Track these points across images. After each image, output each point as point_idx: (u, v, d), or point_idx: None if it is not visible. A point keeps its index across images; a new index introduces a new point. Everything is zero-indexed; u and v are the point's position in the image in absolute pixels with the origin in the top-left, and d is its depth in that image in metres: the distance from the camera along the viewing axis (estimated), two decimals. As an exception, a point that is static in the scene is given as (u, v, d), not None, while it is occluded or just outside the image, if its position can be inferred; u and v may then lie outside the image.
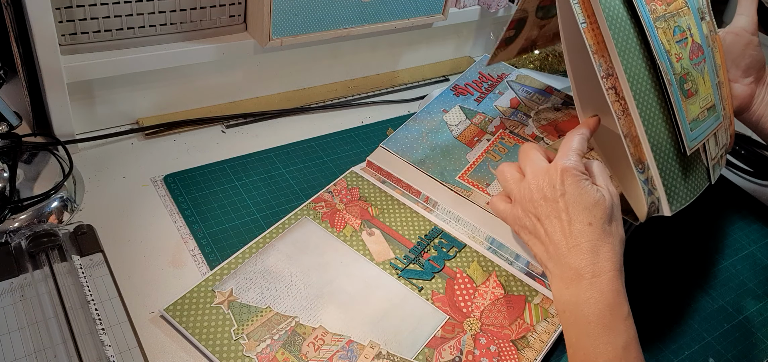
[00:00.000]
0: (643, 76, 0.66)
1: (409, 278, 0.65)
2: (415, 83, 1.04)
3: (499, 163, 0.75)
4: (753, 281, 0.75)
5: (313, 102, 0.93)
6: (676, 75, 0.67)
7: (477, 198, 0.71)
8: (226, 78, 0.86)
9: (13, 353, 0.51)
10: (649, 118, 0.65)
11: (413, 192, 0.74)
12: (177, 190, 0.72)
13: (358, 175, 0.76)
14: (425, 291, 0.64)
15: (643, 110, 0.65)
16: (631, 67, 0.65)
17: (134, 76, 0.78)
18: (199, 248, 0.65)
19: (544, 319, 0.63)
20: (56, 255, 0.60)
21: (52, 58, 0.68)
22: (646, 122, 0.65)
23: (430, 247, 0.69)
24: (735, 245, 0.80)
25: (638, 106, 0.65)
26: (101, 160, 0.75)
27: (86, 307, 0.55)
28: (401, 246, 0.68)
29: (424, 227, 0.71)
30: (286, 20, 0.81)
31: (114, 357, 0.52)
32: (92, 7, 0.71)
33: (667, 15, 0.69)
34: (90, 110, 0.78)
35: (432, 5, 0.95)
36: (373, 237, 0.69)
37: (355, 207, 0.72)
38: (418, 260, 0.67)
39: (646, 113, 0.65)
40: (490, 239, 0.70)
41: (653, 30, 0.67)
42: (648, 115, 0.65)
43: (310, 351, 0.56)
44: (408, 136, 0.78)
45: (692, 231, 0.81)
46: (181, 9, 0.77)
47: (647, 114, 0.65)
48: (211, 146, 0.80)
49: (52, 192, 0.66)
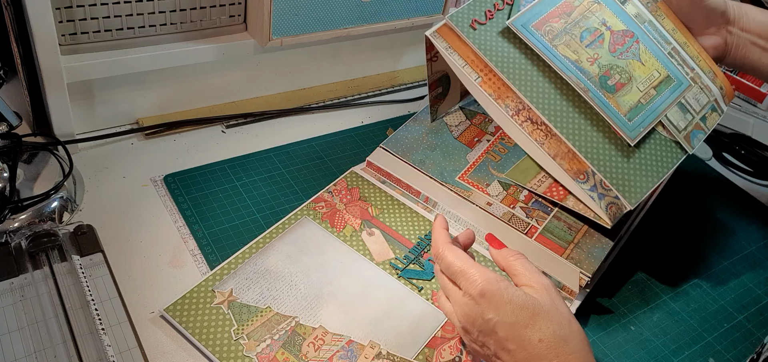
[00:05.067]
0: (553, 95, 0.67)
1: (409, 278, 0.65)
2: (415, 83, 1.04)
3: (499, 163, 0.75)
4: (753, 281, 0.75)
5: (313, 102, 0.93)
6: (593, 77, 0.68)
7: (477, 199, 0.71)
8: (226, 78, 0.86)
9: (13, 353, 0.51)
10: (575, 129, 0.66)
11: (413, 192, 0.74)
12: (177, 190, 0.72)
13: (358, 175, 0.76)
14: (425, 291, 0.64)
15: (563, 125, 0.66)
16: (537, 92, 0.67)
17: (134, 76, 0.78)
18: (198, 248, 0.65)
19: None
20: (56, 255, 0.60)
21: (52, 58, 0.68)
22: (571, 135, 0.66)
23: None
24: (735, 245, 0.80)
25: (557, 124, 0.66)
26: (101, 160, 0.75)
27: (86, 307, 0.55)
28: (401, 246, 0.68)
29: (424, 227, 0.71)
30: (286, 20, 0.81)
31: (114, 357, 0.52)
32: (92, 7, 0.71)
33: (569, 26, 0.70)
34: (90, 110, 0.78)
35: (432, 5, 0.95)
36: (373, 237, 0.69)
37: (355, 207, 0.72)
38: (418, 260, 0.67)
39: (569, 126, 0.67)
40: None
41: (551, 50, 0.69)
42: (571, 127, 0.66)
43: (310, 351, 0.56)
44: (408, 137, 0.78)
45: (692, 231, 0.81)
46: (181, 9, 0.77)
47: (570, 126, 0.67)
48: (211, 146, 0.80)
49: (52, 192, 0.66)
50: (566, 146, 0.66)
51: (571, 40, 0.69)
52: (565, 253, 0.67)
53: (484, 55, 0.67)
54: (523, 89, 0.66)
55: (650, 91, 0.69)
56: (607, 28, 0.71)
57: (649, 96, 0.69)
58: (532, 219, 0.69)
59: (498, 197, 0.71)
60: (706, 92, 0.72)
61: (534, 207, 0.71)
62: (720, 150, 0.98)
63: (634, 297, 0.70)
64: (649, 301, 0.70)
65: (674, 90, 0.70)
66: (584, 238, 0.68)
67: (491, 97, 0.67)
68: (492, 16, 0.70)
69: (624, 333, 0.65)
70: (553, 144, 0.66)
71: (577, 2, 0.72)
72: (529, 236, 0.68)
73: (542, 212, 0.70)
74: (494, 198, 0.71)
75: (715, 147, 0.99)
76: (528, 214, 0.70)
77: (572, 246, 0.68)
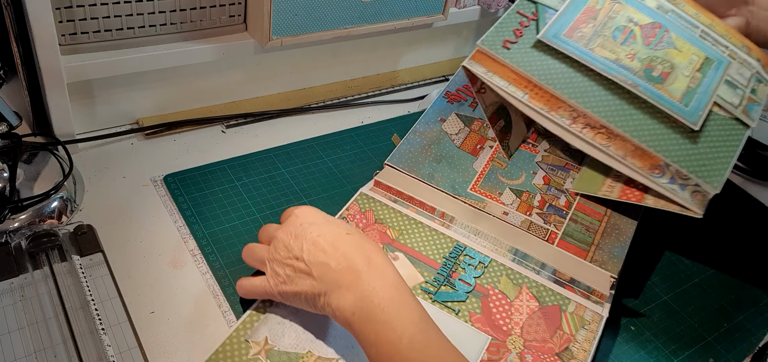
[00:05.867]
0: (605, 96, 0.66)
1: (444, 301, 0.62)
2: (415, 83, 1.04)
3: (505, 169, 0.75)
4: (753, 281, 0.75)
5: (313, 102, 0.93)
6: (637, 72, 0.67)
7: (492, 209, 0.69)
8: (226, 78, 0.86)
9: (13, 353, 0.51)
10: (636, 125, 0.65)
11: (427, 208, 0.71)
12: (177, 190, 0.72)
13: (368, 196, 0.73)
14: (463, 313, 0.61)
15: (624, 123, 0.65)
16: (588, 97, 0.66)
17: (134, 76, 0.78)
18: (199, 248, 0.65)
19: (582, 327, 0.62)
20: (56, 255, 0.60)
21: (52, 58, 0.68)
22: (635, 131, 0.65)
23: (457, 266, 0.66)
24: (735, 245, 0.80)
25: (618, 123, 0.65)
26: (101, 160, 0.75)
27: (86, 307, 0.55)
28: (428, 267, 0.65)
29: (446, 245, 0.68)
30: (286, 20, 0.81)
31: (114, 357, 0.52)
32: (92, 7, 0.71)
33: (599, 28, 0.70)
34: (90, 110, 0.78)
35: (432, 5, 0.95)
36: (398, 261, 0.66)
37: (374, 231, 0.69)
38: (449, 281, 0.64)
39: (630, 123, 0.65)
40: (514, 250, 0.68)
41: (588, 54, 0.68)
42: (632, 123, 0.65)
43: None
44: (411, 150, 0.75)
45: (692, 231, 0.81)
46: (181, 9, 0.77)
47: (631, 123, 0.65)
48: (211, 146, 0.80)
49: (52, 192, 0.66)
50: (633, 144, 0.64)
51: (605, 41, 0.69)
52: (588, 256, 0.66)
53: (525, 71, 0.67)
54: (574, 96, 0.65)
55: (696, 75, 0.68)
56: (635, 24, 0.70)
57: (696, 79, 0.68)
58: (551, 225, 0.68)
59: (513, 205, 0.70)
60: (747, 66, 0.71)
61: (550, 212, 0.70)
62: (720, 150, 0.98)
63: (633, 298, 0.70)
64: (649, 301, 0.70)
65: (717, 69, 0.69)
66: (603, 239, 0.68)
67: (544, 111, 0.66)
68: (521, 34, 0.70)
69: (624, 333, 0.65)
70: (620, 144, 0.64)
71: (599, 5, 0.71)
72: (550, 242, 0.67)
73: (559, 216, 0.70)
74: (509, 207, 0.70)
75: (715, 147, 0.99)
76: (545, 220, 0.69)
77: (593, 247, 0.67)
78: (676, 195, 0.63)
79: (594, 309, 0.64)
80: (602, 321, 0.63)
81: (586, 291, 0.65)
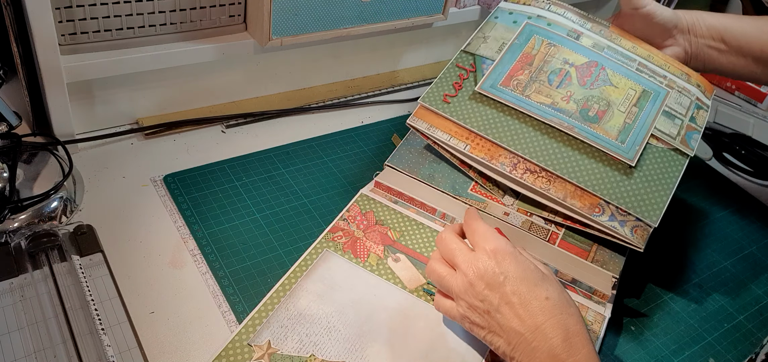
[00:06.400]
0: (542, 141, 0.68)
1: None
2: (415, 83, 1.04)
3: None
4: (753, 281, 0.75)
5: (313, 102, 0.93)
6: (573, 113, 0.69)
7: (493, 210, 0.69)
8: (226, 78, 0.86)
9: (13, 353, 0.51)
10: (574, 167, 0.67)
11: (428, 209, 0.71)
12: (177, 190, 0.72)
13: (368, 197, 0.73)
14: None
15: (562, 166, 0.67)
16: (526, 143, 0.68)
17: (134, 76, 0.78)
18: (198, 248, 0.65)
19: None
20: (56, 256, 0.60)
21: (52, 58, 0.68)
22: (573, 173, 0.66)
23: None
24: (735, 245, 0.80)
25: (556, 166, 0.67)
26: (101, 160, 0.75)
27: (86, 307, 0.55)
28: None
29: None
30: (286, 20, 0.81)
31: (114, 357, 0.52)
32: (92, 7, 0.71)
33: (535, 73, 0.72)
34: (90, 110, 0.78)
35: (432, 5, 0.95)
36: (400, 263, 0.65)
37: (374, 232, 0.69)
38: None
39: (568, 165, 0.67)
40: None
41: (524, 100, 0.70)
42: (570, 165, 0.67)
43: None
44: (411, 151, 0.75)
45: (692, 231, 0.81)
46: (181, 9, 0.77)
47: (569, 166, 0.67)
48: (211, 146, 0.80)
49: (52, 192, 0.66)
50: (572, 185, 0.66)
51: (541, 87, 0.71)
52: (590, 256, 0.66)
53: (464, 123, 0.69)
54: (513, 144, 0.68)
55: (632, 110, 0.70)
56: (570, 65, 0.73)
57: (632, 114, 0.70)
58: (551, 226, 0.68)
59: (513, 206, 0.70)
60: (686, 94, 0.73)
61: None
62: (720, 150, 0.98)
63: (634, 297, 0.70)
64: (649, 301, 0.70)
65: (654, 101, 0.71)
66: None
67: (485, 160, 0.68)
68: (461, 87, 0.72)
69: (624, 333, 0.65)
70: (560, 186, 0.66)
71: (535, 50, 0.74)
72: (551, 242, 0.67)
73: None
74: (510, 208, 0.70)
75: (715, 147, 0.99)
76: (546, 221, 0.69)
77: (595, 247, 0.67)
78: (617, 232, 0.64)
79: (596, 309, 0.64)
80: (605, 322, 0.63)
81: (588, 291, 0.65)
